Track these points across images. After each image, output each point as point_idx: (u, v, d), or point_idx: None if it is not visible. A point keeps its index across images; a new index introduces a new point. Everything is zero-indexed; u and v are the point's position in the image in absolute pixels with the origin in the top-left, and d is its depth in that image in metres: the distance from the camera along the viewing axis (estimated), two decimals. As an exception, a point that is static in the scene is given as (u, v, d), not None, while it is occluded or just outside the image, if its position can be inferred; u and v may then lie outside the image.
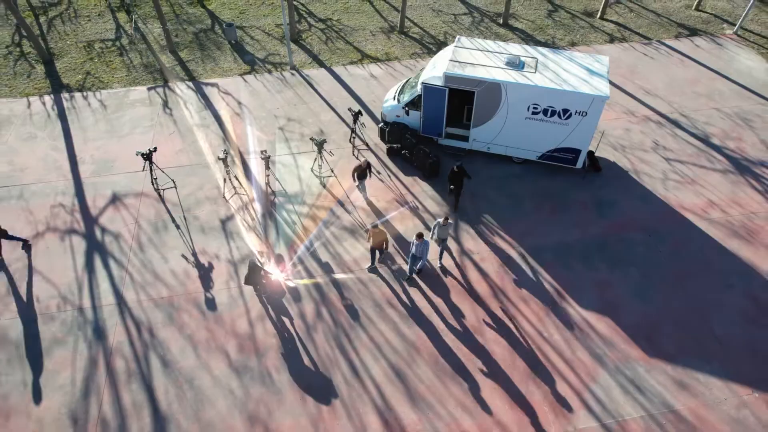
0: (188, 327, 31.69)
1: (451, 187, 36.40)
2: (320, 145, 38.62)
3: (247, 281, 31.35)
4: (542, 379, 29.80)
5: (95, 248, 35.36)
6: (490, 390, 29.38)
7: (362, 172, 36.77)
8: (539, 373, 30.07)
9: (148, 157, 36.54)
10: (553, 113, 37.77)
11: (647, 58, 53.07)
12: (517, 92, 37.42)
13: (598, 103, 36.24)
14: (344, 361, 30.39)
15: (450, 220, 34.71)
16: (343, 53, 53.40)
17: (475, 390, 29.38)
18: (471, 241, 36.18)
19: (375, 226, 32.45)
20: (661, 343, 31.23)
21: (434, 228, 33.21)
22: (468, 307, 32.66)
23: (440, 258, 34.41)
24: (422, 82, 39.47)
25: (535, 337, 31.50)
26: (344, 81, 49.79)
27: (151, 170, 37.66)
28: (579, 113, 37.20)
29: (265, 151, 37.49)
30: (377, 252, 34.22)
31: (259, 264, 30.93)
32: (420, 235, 30.95)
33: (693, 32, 56.53)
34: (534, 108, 37.99)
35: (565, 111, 37.39)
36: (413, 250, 32.04)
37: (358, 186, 37.53)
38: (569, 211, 38.02)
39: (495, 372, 30.04)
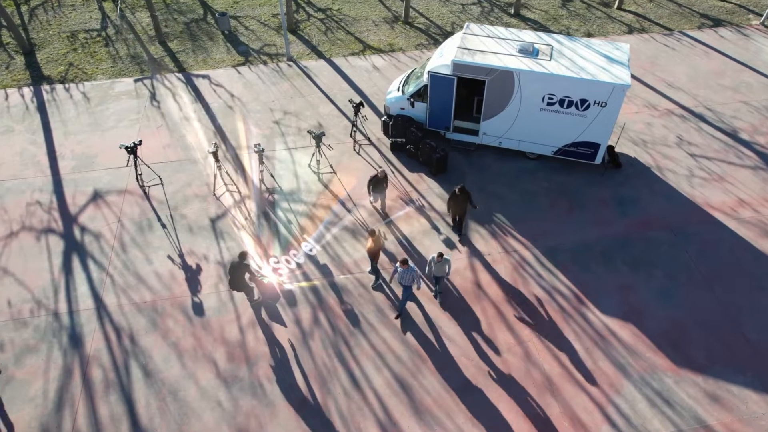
0: (173, 333, 30.61)
1: (456, 218, 34.99)
2: (318, 138, 37.39)
3: (233, 285, 29.90)
4: (561, 392, 28.62)
5: (74, 249, 34.48)
6: (503, 403, 28.15)
7: (379, 184, 35.50)
8: (557, 384, 28.89)
9: (132, 150, 35.70)
10: (570, 104, 36.61)
11: (668, 49, 52.14)
12: (531, 81, 36.27)
13: (619, 92, 35.09)
14: (343, 370, 29.27)
15: (446, 255, 31.92)
16: (344, 44, 52.61)
17: (486, 403, 28.15)
18: (482, 241, 35.19)
19: (373, 233, 31.43)
20: (689, 352, 30.09)
21: (429, 265, 30.94)
22: (479, 313, 31.63)
23: (436, 297, 32.22)
24: (429, 71, 38.40)
25: (552, 345, 30.37)
26: (344, 72, 49.10)
27: (135, 165, 36.87)
28: (598, 104, 36.04)
29: (259, 144, 36.73)
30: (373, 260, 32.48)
31: (243, 262, 29.43)
32: (404, 261, 29.10)
33: (717, 23, 55.60)
34: (549, 98, 36.83)
35: (583, 101, 36.26)
36: (397, 278, 30.34)
37: (372, 200, 36.21)
38: (588, 210, 37.04)
39: (509, 383, 28.87)
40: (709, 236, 35.55)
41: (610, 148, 39.99)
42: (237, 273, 29.54)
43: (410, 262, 30.83)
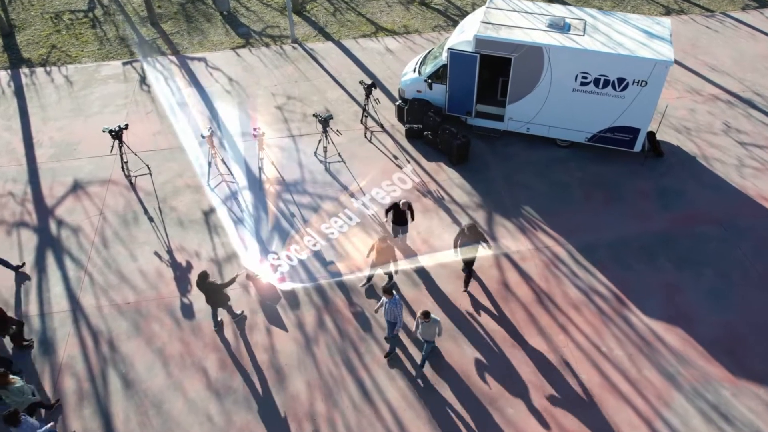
0: (158, 338, 29.11)
1: (466, 266, 31.23)
2: (325, 121, 36.03)
3: (210, 300, 28.41)
4: (602, 405, 26.89)
5: (48, 244, 33.18)
6: (536, 418, 26.40)
7: (401, 217, 32.68)
8: (598, 396, 27.19)
9: (117, 135, 34.42)
10: (607, 83, 35.00)
11: (710, 31, 50.66)
12: (563, 58, 34.81)
13: (661, 69, 33.50)
14: (352, 380, 27.67)
15: (435, 316, 26.75)
16: (354, 26, 51.36)
17: (517, 418, 26.41)
18: (509, 237, 33.75)
19: (383, 238, 29.11)
20: (747, 359, 28.26)
21: (416, 325, 27.46)
22: (507, 316, 30.07)
23: (421, 366, 28.19)
24: (449, 48, 36.88)
25: (590, 352, 28.77)
26: (355, 55, 47.87)
27: (121, 152, 35.63)
28: (637, 83, 34.44)
29: (259, 128, 35.67)
30: (386, 274, 30.80)
31: (208, 282, 27.73)
32: (387, 290, 26.59)
33: (763, 4, 54.22)
34: (583, 77, 35.31)
35: (621, 80, 34.65)
36: (382, 312, 28.05)
37: (393, 231, 33.09)
38: (626, 202, 35.54)
39: (542, 395, 27.20)
40: (765, 232, 33.90)
41: (651, 135, 38.42)
42: (210, 293, 28.09)
43: (395, 293, 27.93)
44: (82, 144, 39.62)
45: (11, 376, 23.94)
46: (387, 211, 31.75)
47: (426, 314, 25.73)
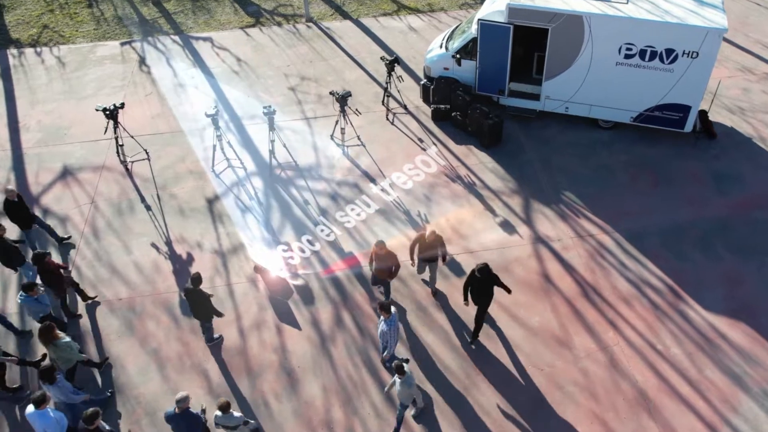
0: (154, 338, 27.78)
1: (472, 303, 27.58)
2: (343, 99, 34.78)
3: (196, 314, 26.73)
4: (660, 409, 25.32)
5: (34, 236, 31.32)
6: (585, 424, 24.93)
7: (429, 249, 28.26)
8: (655, 400, 25.61)
9: (112, 114, 33.25)
10: (654, 56, 33.49)
11: (761, 8, 49.60)
12: (605, 27, 33.43)
13: (714, 38, 32.07)
14: (374, 384, 26.18)
15: (408, 370, 23.10)
16: (374, 3, 50.37)
17: (562, 425, 24.95)
18: (548, 224, 32.44)
19: (380, 243, 26.60)
20: None
21: (391, 383, 24.30)
22: (549, 311, 28.67)
23: (396, 429, 24.76)
24: (479, 19, 35.47)
25: (644, 350, 27.18)
26: (375, 34, 46.77)
27: (116, 135, 34.50)
28: (688, 54, 32.92)
29: (270, 106, 34.14)
30: (382, 284, 28.38)
31: (197, 289, 25.96)
32: (384, 307, 24.11)
33: None
34: (627, 49, 33.78)
35: (670, 52, 33.12)
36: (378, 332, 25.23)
37: (418, 268, 29.80)
38: (678, 187, 34.23)
39: (590, 399, 25.73)
40: (830, 216, 32.70)
41: (703, 114, 37.00)
42: (197, 302, 26.35)
43: (393, 310, 25.36)
44: (74, 128, 38.69)
45: (58, 331, 23.67)
46: (412, 246, 28.41)
47: (400, 366, 22.40)
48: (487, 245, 30.95)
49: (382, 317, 24.22)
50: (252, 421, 23.63)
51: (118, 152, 35.53)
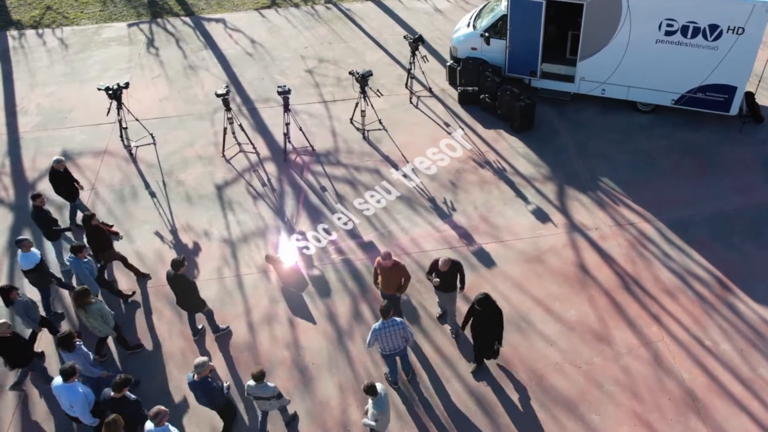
0: (155, 333, 27.14)
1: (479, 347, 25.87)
2: (363, 79, 34.18)
3: (182, 305, 26.12)
4: (710, 410, 24.30)
5: (26, 223, 31.51)
6: (627, 426, 23.91)
7: (447, 279, 25.63)
8: (704, 400, 24.63)
9: (115, 94, 32.95)
10: (696, 32, 32.70)
11: None
12: (645, 2, 32.84)
13: (761, 13, 31.10)
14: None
15: (382, 391, 21.62)
16: None
17: (603, 425, 23.99)
18: (584, 212, 31.62)
19: (387, 256, 24.72)
20: None
21: (365, 411, 22.92)
22: (586, 304, 27.73)
23: None
24: None
25: (692, 346, 26.22)
26: (398, 15, 46.31)
27: (119, 116, 34.24)
28: (733, 30, 32.07)
29: (285, 85, 33.60)
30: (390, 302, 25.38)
31: (178, 273, 25.17)
32: (385, 310, 22.55)
33: None
34: (668, 25, 32.97)
35: (714, 28, 32.27)
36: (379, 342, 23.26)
37: (440, 300, 27.86)
38: (725, 173, 33.38)
39: (634, 399, 24.69)
40: None
41: (749, 96, 36.06)
42: (181, 290, 25.66)
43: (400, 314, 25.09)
44: (75, 111, 38.50)
45: (92, 297, 23.67)
46: (429, 273, 26.01)
47: (371, 389, 20.88)
48: (519, 234, 30.11)
49: (380, 323, 22.75)
50: (286, 397, 22.98)
51: (121, 136, 35.20)
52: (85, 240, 26.92)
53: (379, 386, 20.96)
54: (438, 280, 24.25)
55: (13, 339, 23.32)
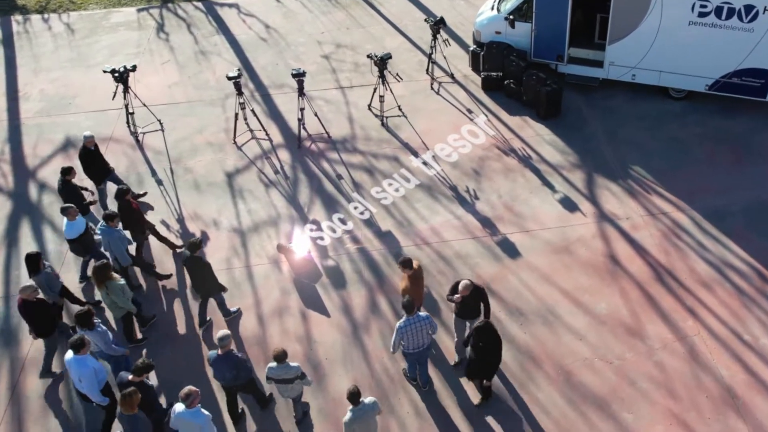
0: (160, 327, 26.68)
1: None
2: (382, 62, 33.78)
3: (198, 289, 25.88)
4: (750, 408, 23.73)
5: (26, 212, 31.31)
6: (663, 425, 23.29)
7: (469, 304, 24.25)
8: (744, 397, 24.05)
9: (121, 77, 32.73)
10: (731, 13, 32.05)
11: None
12: None
13: None
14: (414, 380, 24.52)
15: (370, 400, 21.48)
16: None
17: (636, 425, 23.35)
18: (615, 201, 31.17)
19: (406, 262, 23.83)
20: None
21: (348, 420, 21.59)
22: (617, 297, 27.19)
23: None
24: None
25: (730, 341, 25.68)
26: (419, 1, 46.02)
27: (125, 101, 33.95)
28: None
29: (300, 68, 33.48)
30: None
31: (195, 255, 24.98)
32: (409, 305, 21.72)
33: None
34: (702, 6, 32.31)
35: (749, 9, 31.57)
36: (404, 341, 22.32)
37: (456, 325, 26.13)
38: (761, 161, 32.96)
39: (669, 396, 24.10)
40: None
41: None
42: (197, 272, 25.38)
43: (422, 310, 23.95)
44: (80, 97, 38.31)
45: (114, 273, 23.75)
46: (449, 295, 24.66)
47: (353, 396, 19.81)
48: (546, 223, 29.62)
49: (405, 319, 21.90)
50: (309, 379, 22.50)
51: (128, 122, 34.97)
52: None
53: (368, 399, 20.09)
54: (459, 296, 23.01)
55: (39, 304, 23.31)
